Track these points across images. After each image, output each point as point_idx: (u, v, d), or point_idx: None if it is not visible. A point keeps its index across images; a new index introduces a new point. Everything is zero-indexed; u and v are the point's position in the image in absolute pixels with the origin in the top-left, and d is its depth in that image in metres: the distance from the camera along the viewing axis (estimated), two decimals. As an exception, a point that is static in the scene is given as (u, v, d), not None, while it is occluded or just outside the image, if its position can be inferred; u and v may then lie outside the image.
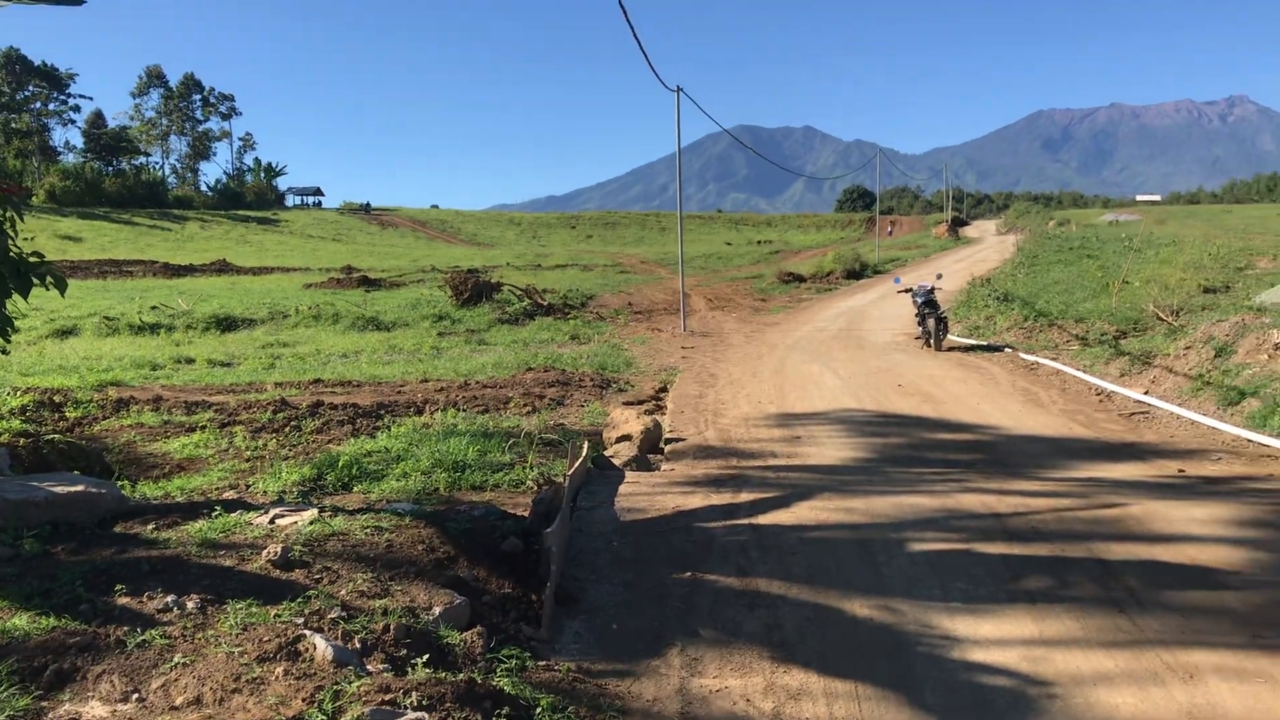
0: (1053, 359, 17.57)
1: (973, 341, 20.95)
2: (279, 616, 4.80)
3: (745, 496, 8.72)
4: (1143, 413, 12.86)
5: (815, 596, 6.23)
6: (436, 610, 5.25)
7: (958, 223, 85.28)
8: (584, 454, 9.45)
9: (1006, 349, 19.49)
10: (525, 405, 13.35)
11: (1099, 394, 14.32)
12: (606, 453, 10.50)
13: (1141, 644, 5.38)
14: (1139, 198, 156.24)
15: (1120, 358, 16.30)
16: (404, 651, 4.58)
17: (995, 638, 5.53)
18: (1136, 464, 9.95)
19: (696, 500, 8.59)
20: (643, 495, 8.71)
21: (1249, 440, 10.86)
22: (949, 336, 20.96)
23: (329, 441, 10.79)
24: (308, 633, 4.52)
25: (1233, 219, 59.30)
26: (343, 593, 5.26)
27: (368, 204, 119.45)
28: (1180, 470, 9.59)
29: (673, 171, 27.72)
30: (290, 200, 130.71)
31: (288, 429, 11.48)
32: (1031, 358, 17.95)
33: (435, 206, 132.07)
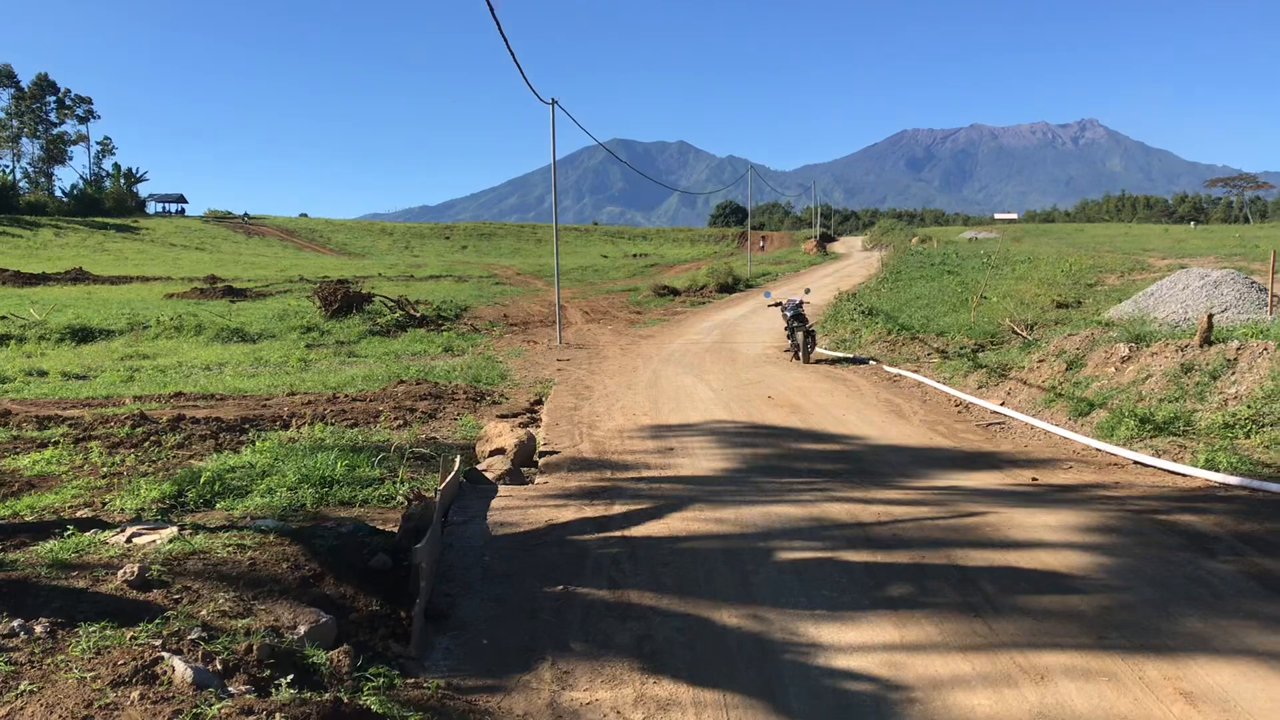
0: (915, 371, 18.15)
1: (839, 354, 21.50)
2: (135, 639, 4.64)
3: (618, 508, 8.77)
4: (999, 423, 13.37)
5: (686, 607, 6.31)
6: (302, 629, 5.14)
7: (826, 239, 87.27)
8: (456, 468, 9.37)
9: (871, 361, 20.05)
10: (396, 419, 13.15)
11: (958, 405, 14.84)
12: (479, 466, 10.42)
13: (996, 647, 5.60)
14: (997, 216, 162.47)
15: (978, 370, 16.92)
16: (268, 672, 4.47)
17: (858, 644, 5.69)
18: (993, 473, 10.35)
19: (570, 513, 8.60)
20: (515, 509, 8.68)
21: (1098, 449, 11.39)
22: (817, 349, 21.48)
23: (191, 457, 10.44)
24: (166, 655, 4.37)
25: (1084, 237, 62.06)
26: (203, 613, 5.10)
27: (246, 213, 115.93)
28: (1034, 479, 10.00)
29: (549, 183, 27.78)
30: (152, 207, 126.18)
31: (147, 444, 11.07)
32: (895, 370, 18.50)
33: (304, 215, 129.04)
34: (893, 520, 8.21)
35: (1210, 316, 13.21)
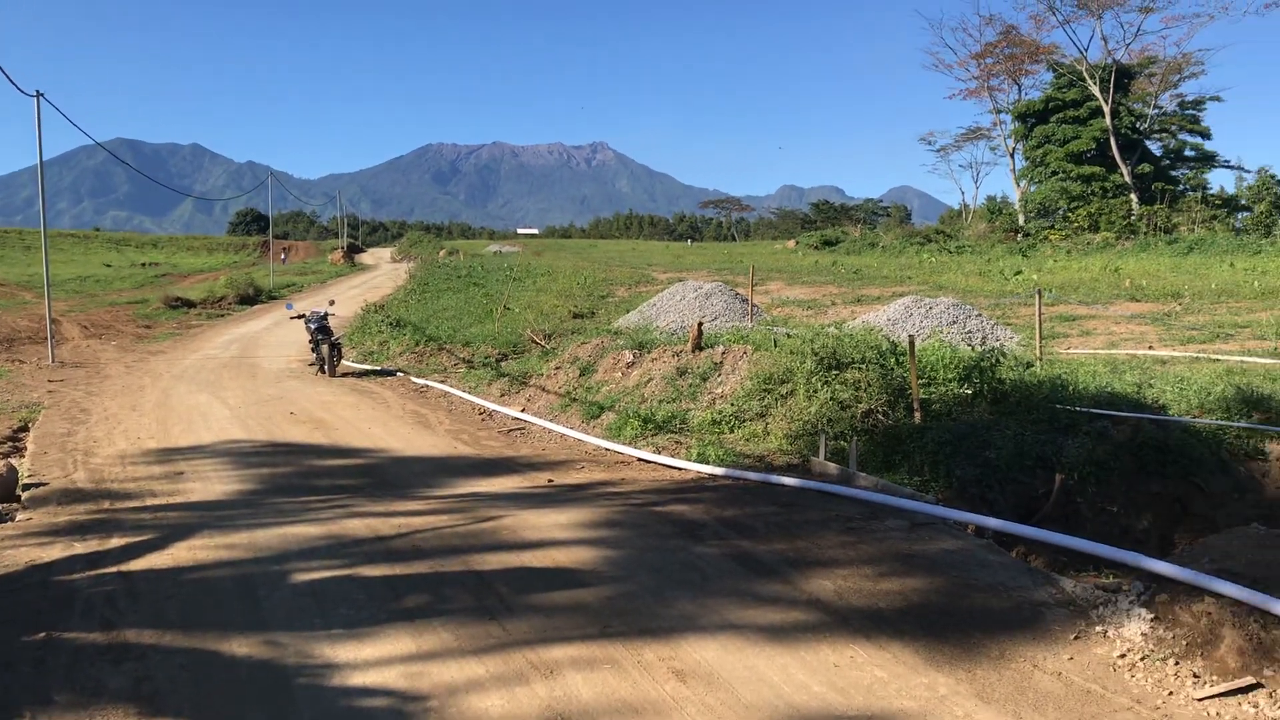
0: (442, 381, 18.36)
1: (366, 367, 21.24)
2: None
3: (116, 542, 8.03)
4: (520, 429, 13.88)
5: (192, 641, 5.91)
6: None
7: (354, 249, 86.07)
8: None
9: (399, 373, 20.02)
10: None
11: (482, 413, 15.21)
12: (-56, 506, 9.09)
13: (509, 647, 5.79)
14: (520, 230, 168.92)
15: (502, 379, 17.47)
16: None
17: (376, 659, 5.64)
18: (512, 477, 10.72)
19: (57, 551, 7.75)
20: (-11, 551, 7.67)
21: (607, 449, 12.16)
22: (343, 362, 21.09)
23: None
24: None
25: (598, 251, 66.25)
26: None
27: None
28: (550, 480, 10.49)
29: (37, 184, 24.69)
30: None
31: None
32: (422, 381, 18.60)
33: None
34: (413, 531, 8.24)
35: (700, 324, 14.62)
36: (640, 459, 11.44)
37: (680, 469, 10.81)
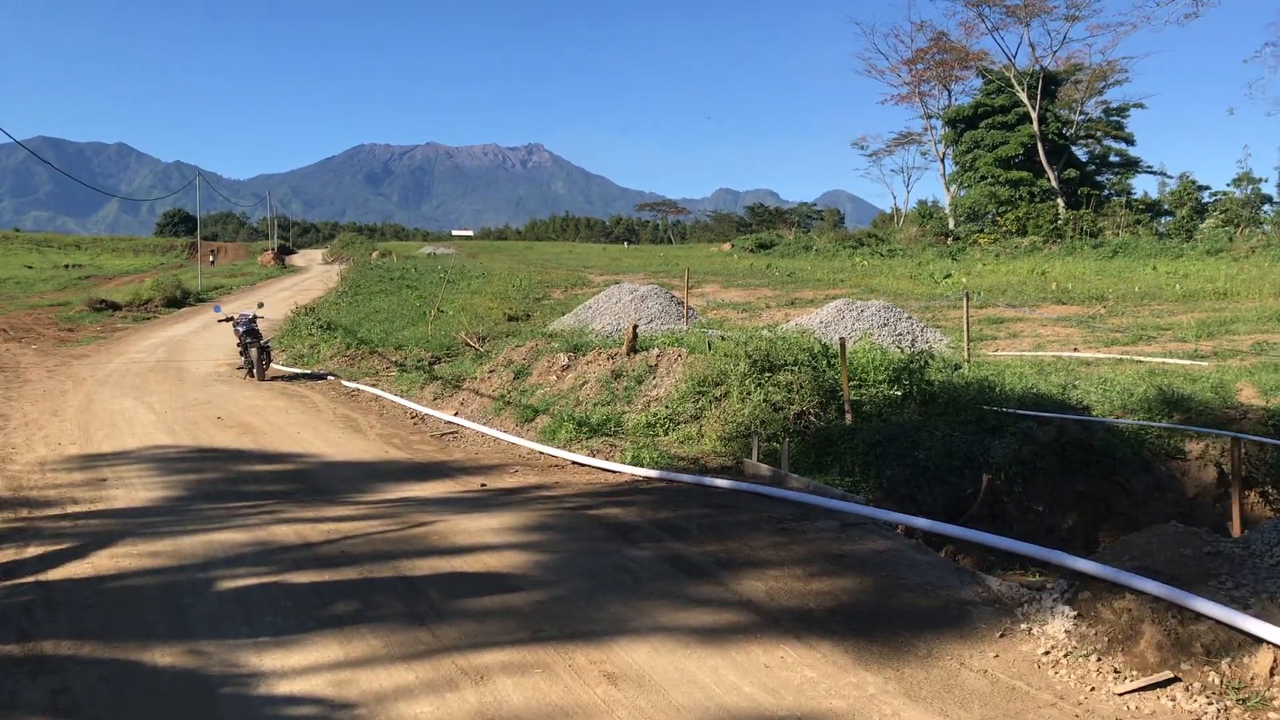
0: (373, 385, 18.18)
1: (297, 370, 20.96)
2: None
3: (34, 551, 7.82)
4: (453, 433, 13.77)
5: (113, 652, 5.77)
6: None
7: (284, 251, 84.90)
8: None
9: (330, 377, 19.78)
10: None
11: (414, 417, 15.08)
12: None
13: (439, 653, 5.73)
14: (455, 232, 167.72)
15: (435, 382, 17.34)
16: None
17: (303, 667, 5.55)
18: (445, 482, 10.63)
19: (-29, 561, 7.52)
20: (-102, 563, 7.43)
21: (541, 452, 12.12)
22: (273, 365, 20.79)
23: None
24: None
25: (534, 254, 66.03)
26: None
27: None
28: (483, 484, 10.42)
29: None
30: None
31: None
32: (353, 385, 18.39)
33: None
34: (342, 537, 8.13)
35: (635, 327, 14.63)
36: (575, 462, 11.42)
37: (614, 472, 10.81)
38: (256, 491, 10.22)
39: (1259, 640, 5.10)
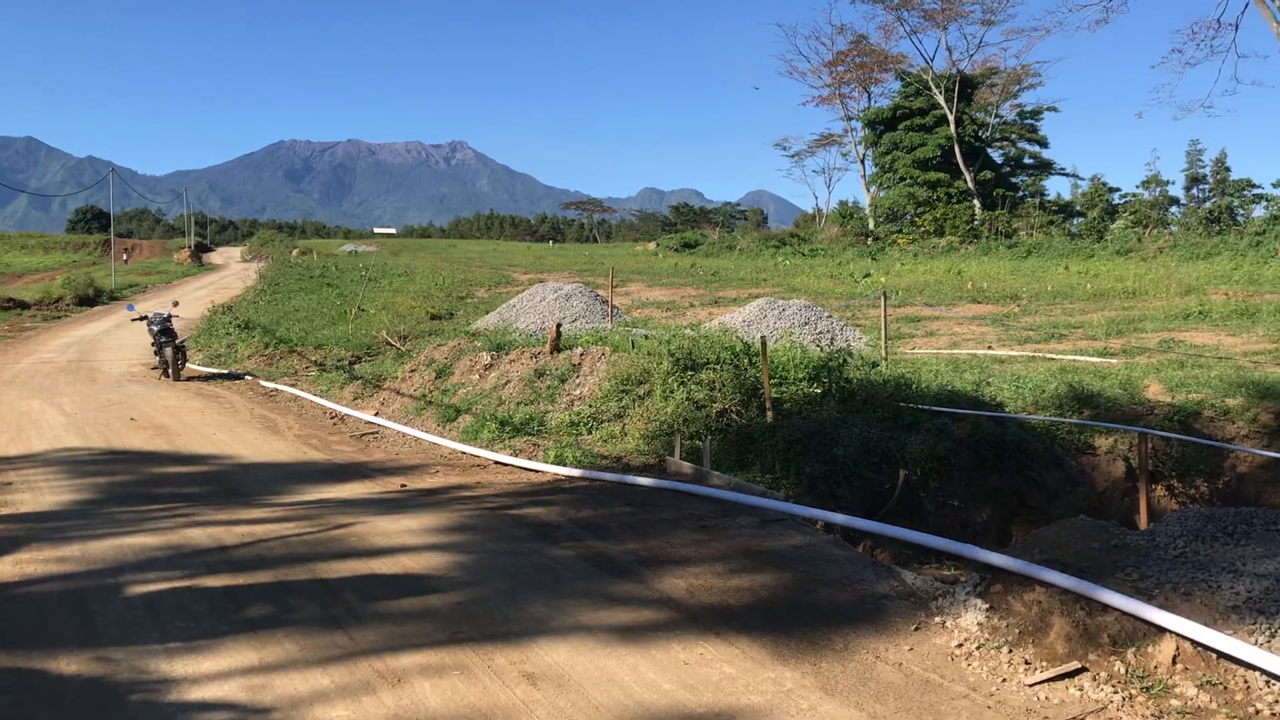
0: (292, 385, 17.89)
1: (213, 370, 20.55)
2: None
3: (-67, 558, 7.57)
4: (373, 433, 13.62)
5: (14, 660, 5.60)
6: None
7: (202, 249, 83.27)
8: None
9: (248, 376, 19.43)
10: None
11: (334, 417, 14.88)
12: None
13: (356, 656, 5.66)
14: (377, 230, 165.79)
15: (355, 382, 17.12)
16: None
17: (216, 672, 5.44)
18: (364, 483, 10.51)
19: None
20: None
21: (463, 452, 12.04)
22: (189, 365, 20.36)
23: None
24: None
25: (457, 252, 65.54)
26: None
27: None
28: (403, 485, 10.32)
29: None
30: None
31: None
32: (272, 385, 18.08)
33: None
34: (258, 540, 7.99)
35: (559, 326, 14.59)
36: (497, 462, 11.37)
37: (537, 471, 10.78)
38: (170, 494, 10.00)
39: (1162, 630, 5.26)
